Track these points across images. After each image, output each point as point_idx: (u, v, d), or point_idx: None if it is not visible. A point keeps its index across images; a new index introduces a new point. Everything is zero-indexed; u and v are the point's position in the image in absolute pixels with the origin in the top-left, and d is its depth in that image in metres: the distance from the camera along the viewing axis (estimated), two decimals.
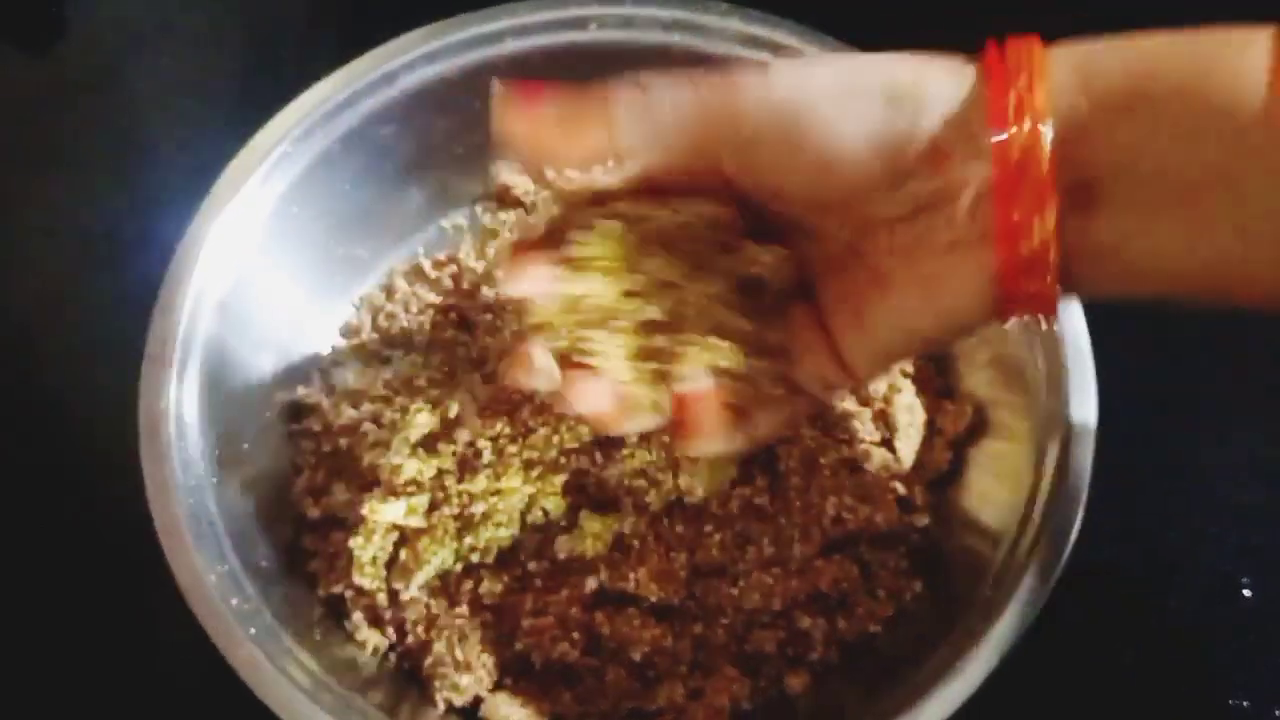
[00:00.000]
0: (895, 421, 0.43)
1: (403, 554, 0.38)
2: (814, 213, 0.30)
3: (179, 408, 0.39)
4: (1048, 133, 0.26)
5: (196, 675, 0.41)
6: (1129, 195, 0.26)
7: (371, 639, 0.40)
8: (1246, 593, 0.44)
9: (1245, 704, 0.42)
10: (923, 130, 0.27)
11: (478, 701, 0.39)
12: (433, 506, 0.38)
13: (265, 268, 0.44)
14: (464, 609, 0.39)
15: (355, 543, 0.38)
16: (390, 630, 0.40)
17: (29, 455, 0.47)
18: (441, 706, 0.39)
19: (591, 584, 0.39)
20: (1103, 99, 0.26)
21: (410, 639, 0.40)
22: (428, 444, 0.39)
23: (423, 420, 0.39)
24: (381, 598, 0.40)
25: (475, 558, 0.39)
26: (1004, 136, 0.26)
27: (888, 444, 0.43)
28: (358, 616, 0.40)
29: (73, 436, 0.48)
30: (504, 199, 0.51)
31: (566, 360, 0.31)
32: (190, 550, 0.36)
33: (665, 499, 0.40)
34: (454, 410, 0.39)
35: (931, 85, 0.28)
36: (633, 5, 0.46)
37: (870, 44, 0.44)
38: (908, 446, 0.43)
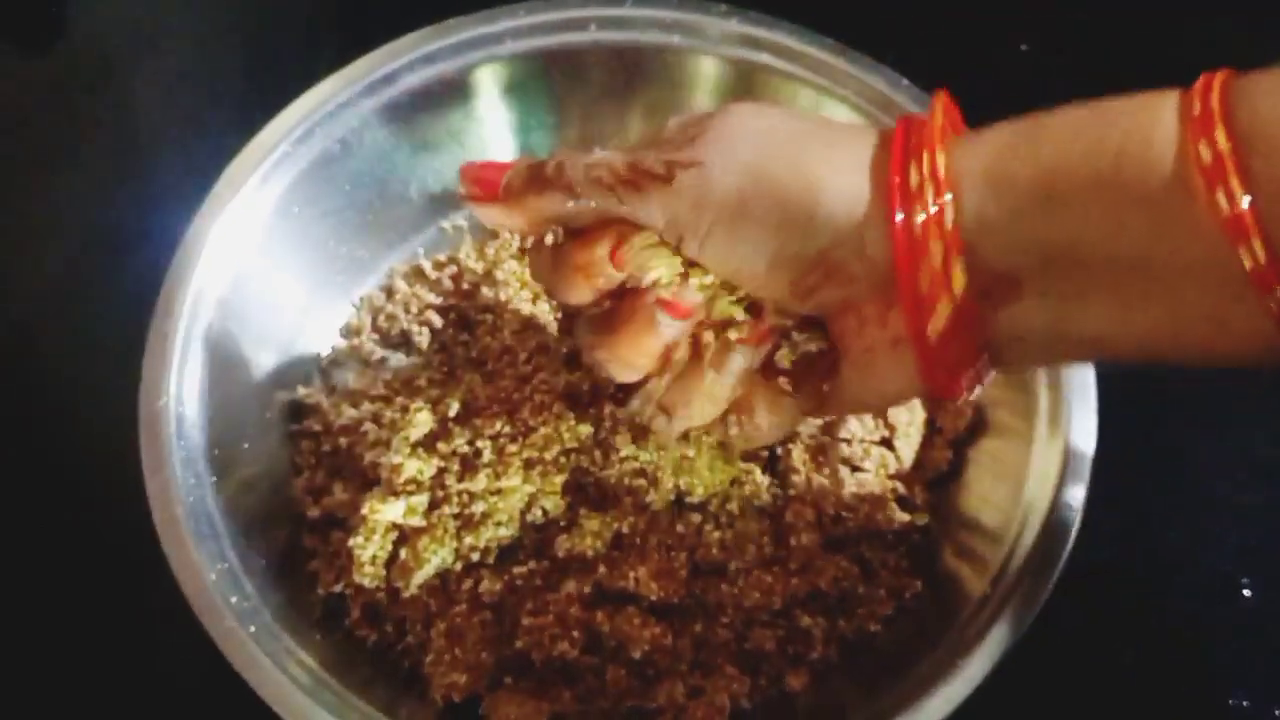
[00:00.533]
0: (895, 421, 0.43)
1: (403, 553, 0.38)
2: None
3: (179, 407, 0.39)
4: (950, 212, 0.26)
5: (196, 674, 0.41)
6: (1054, 285, 0.26)
7: (371, 637, 0.40)
8: (1246, 593, 0.44)
9: (1245, 704, 0.42)
10: (814, 250, 0.28)
11: (477, 700, 0.39)
12: (433, 506, 0.38)
13: (265, 268, 0.44)
14: (463, 608, 0.39)
15: (355, 542, 0.38)
16: (390, 629, 0.40)
17: (29, 455, 0.47)
18: (441, 705, 0.39)
19: (591, 583, 0.39)
20: (1015, 198, 0.26)
21: (410, 637, 0.40)
22: (428, 443, 0.39)
23: (423, 420, 0.39)
24: (381, 596, 0.40)
25: (475, 557, 0.39)
26: (901, 219, 0.27)
27: (887, 443, 0.43)
28: (357, 615, 0.40)
29: (73, 436, 0.48)
30: None
31: None
32: (190, 549, 0.36)
33: (665, 498, 0.40)
34: (454, 410, 0.39)
35: (823, 198, 0.28)
36: (632, 6, 0.46)
37: (869, 44, 0.45)
38: (908, 446, 0.43)
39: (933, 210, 0.26)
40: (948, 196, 0.26)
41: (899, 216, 0.27)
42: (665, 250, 0.31)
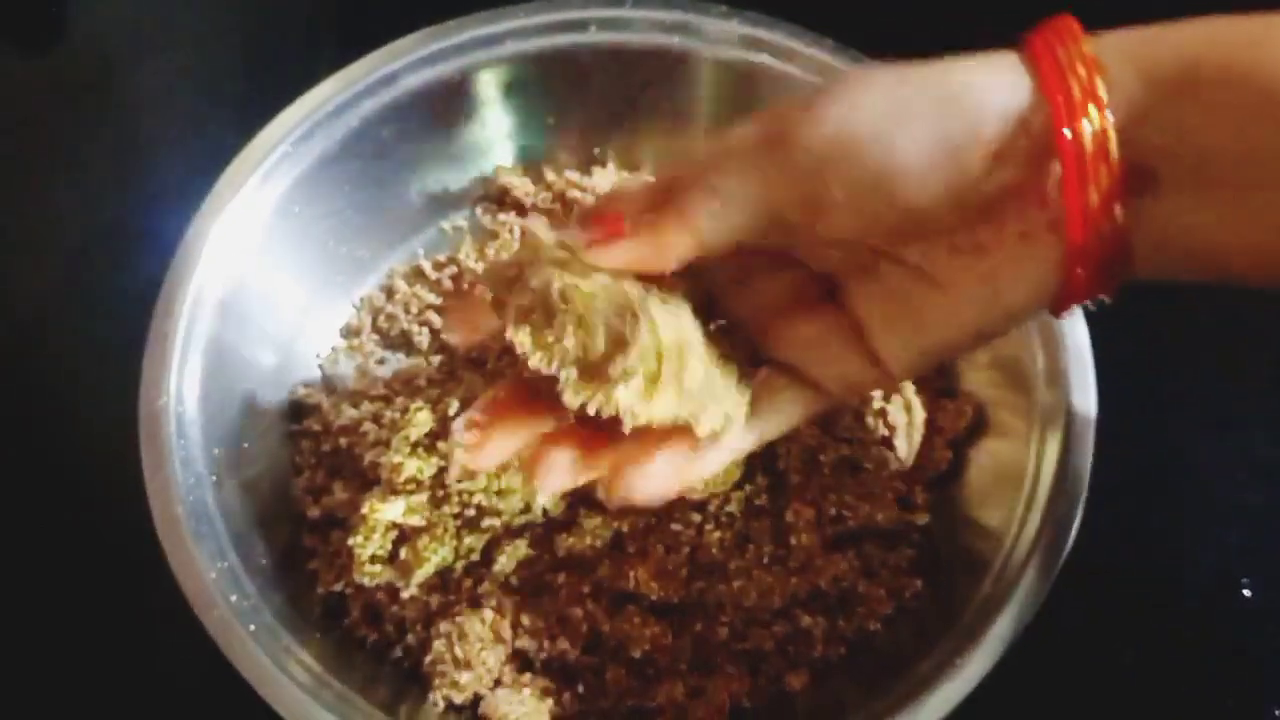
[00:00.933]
0: (895, 421, 0.43)
1: (403, 552, 0.38)
2: (867, 234, 0.30)
3: (179, 407, 0.39)
4: (1112, 121, 0.26)
5: (196, 674, 0.41)
6: (1185, 179, 0.26)
7: (371, 637, 0.40)
8: (1246, 593, 0.44)
9: (1245, 704, 0.42)
10: (980, 135, 0.27)
11: (477, 699, 0.39)
12: (433, 505, 0.38)
13: (266, 267, 0.44)
14: (463, 607, 0.39)
15: (355, 541, 0.38)
16: (390, 628, 0.40)
17: (29, 454, 0.47)
18: (441, 704, 0.39)
19: (591, 582, 0.39)
20: (1155, 84, 0.26)
21: (410, 637, 0.40)
22: (428, 443, 0.39)
23: (423, 419, 0.39)
24: (381, 597, 0.40)
25: (475, 557, 0.39)
26: (1070, 132, 0.26)
27: (887, 443, 0.43)
28: (357, 615, 0.40)
29: (73, 436, 0.48)
30: (504, 200, 0.51)
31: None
32: (190, 549, 0.36)
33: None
34: (454, 409, 0.39)
35: (982, 88, 0.28)
36: (633, 7, 0.46)
37: (869, 44, 0.45)
38: (908, 445, 0.43)
39: (1085, 81, 0.26)
40: (1097, 77, 0.26)
41: (1059, 95, 0.27)
42: None
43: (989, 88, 0.28)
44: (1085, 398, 0.39)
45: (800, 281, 0.32)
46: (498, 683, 0.39)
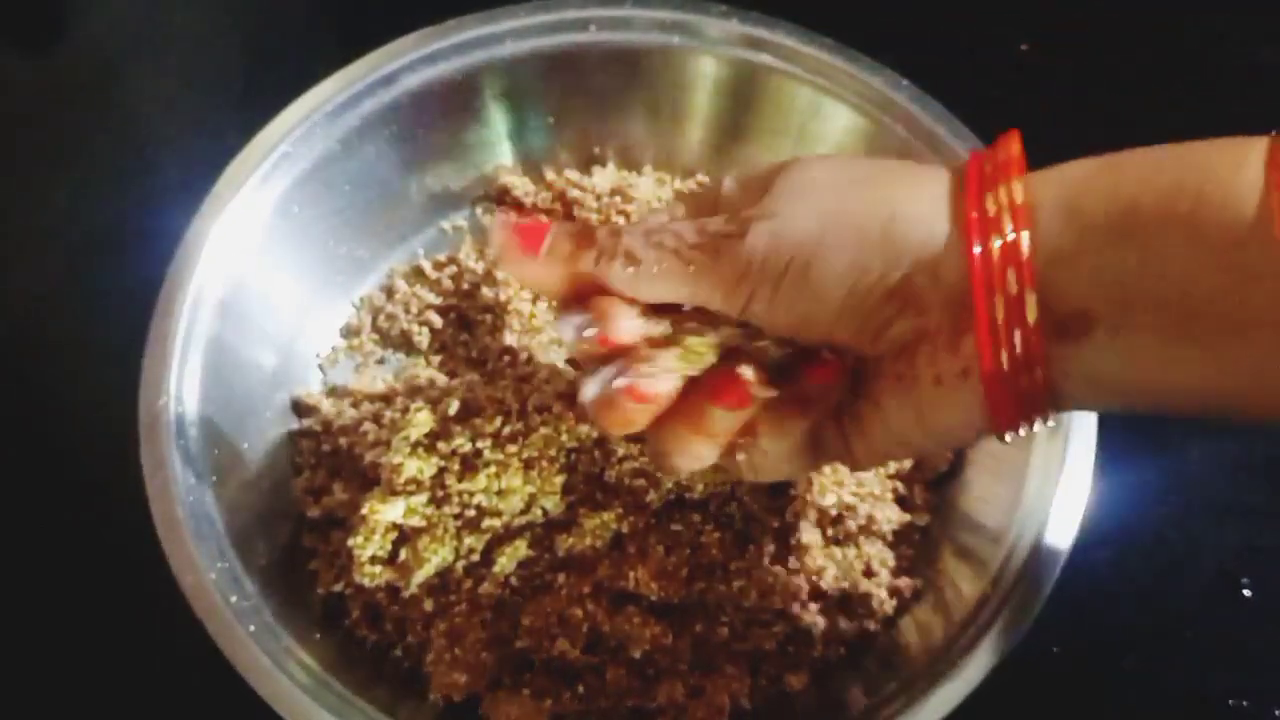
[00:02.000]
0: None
1: (403, 553, 0.38)
2: (799, 337, 0.31)
3: (179, 407, 0.39)
4: (1026, 241, 0.26)
5: (196, 674, 0.40)
6: (1127, 326, 0.26)
7: (371, 637, 0.40)
8: (1246, 593, 0.44)
9: (1245, 704, 0.42)
10: (893, 280, 0.28)
11: (477, 699, 0.39)
12: (433, 505, 0.38)
13: (265, 267, 0.44)
14: (464, 607, 0.39)
15: (355, 542, 0.38)
16: (390, 629, 0.40)
17: (29, 454, 0.47)
18: (441, 704, 0.39)
19: (591, 582, 0.39)
20: (1089, 231, 0.26)
21: (410, 637, 0.40)
22: (428, 443, 0.39)
23: (423, 420, 0.39)
24: (381, 597, 0.40)
25: (475, 557, 0.39)
26: (987, 297, 0.27)
27: None
28: (357, 615, 0.40)
29: (73, 436, 0.48)
30: (504, 199, 0.51)
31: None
32: (190, 549, 0.36)
33: (665, 498, 0.40)
34: (454, 409, 0.39)
35: (906, 224, 0.28)
36: (632, 7, 0.46)
37: (869, 45, 0.45)
38: None
39: (1009, 238, 0.26)
40: (1024, 230, 0.26)
41: (976, 246, 0.27)
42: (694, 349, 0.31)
43: (912, 228, 0.28)
44: None
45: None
46: (498, 683, 0.39)
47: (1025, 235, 0.26)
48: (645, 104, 0.49)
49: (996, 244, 0.26)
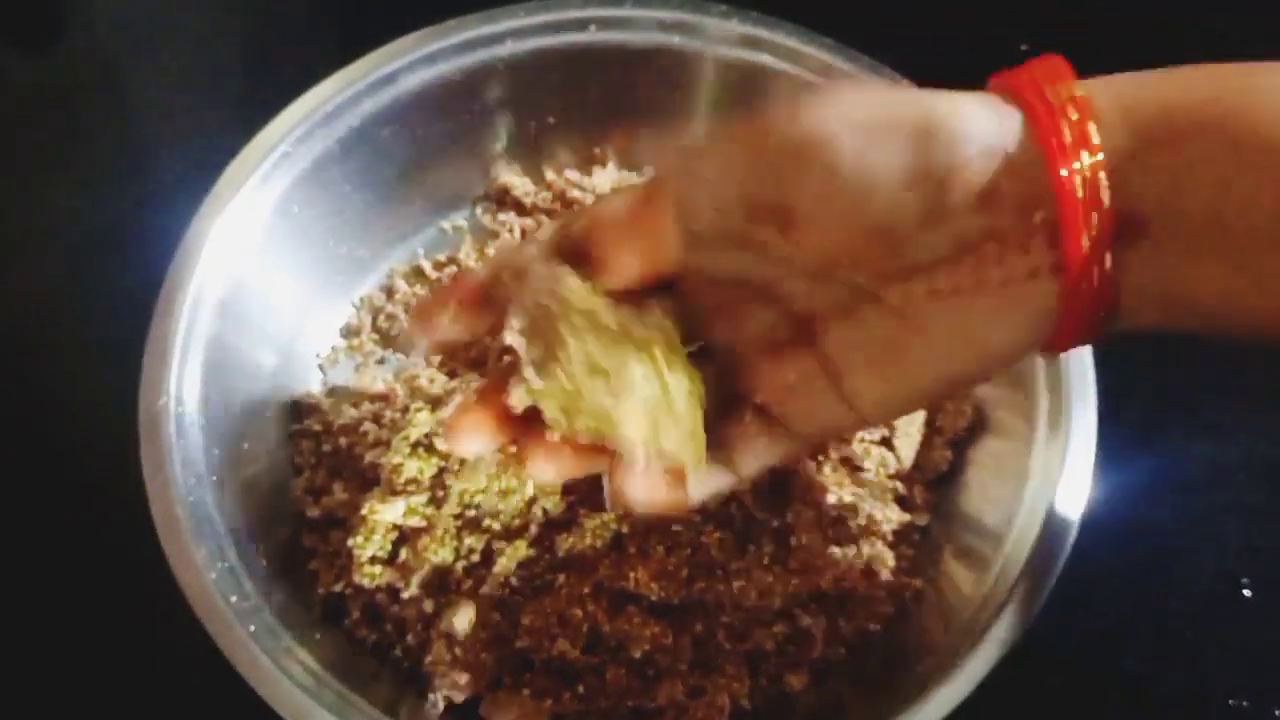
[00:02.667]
0: (895, 421, 0.43)
1: (403, 553, 0.38)
2: (839, 263, 0.29)
3: (179, 407, 0.39)
4: (1104, 166, 0.26)
5: (196, 674, 0.40)
6: (1175, 229, 0.26)
7: (371, 637, 0.40)
8: (1246, 593, 0.44)
9: (1245, 704, 0.42)
10: (963, 167, 0.26)
11: (477, 699, 0.39)
12: (433, 506, 0.38)
13: (265, 267, 0.44)
14: (464, 608, 0.39)
15: (355, 542, 0.38)
16: (390, 628, 0.40)
17: (29, 454, 0.47)
18: (441, 704, 0.39)
19: (591, 583, 0.39)
20: (1143, 133, 0.26)
21: (410, 637, 0.40)
22: (428, 443, 0.39)
23: (423, 419, 0.39)
24: (381, 596, 0.40)
25: (475, 557, 0.39)
26: (1067, 179, 0.26)
27: (887, 443, 0.43)
28: (357, 615, 0.40)
29: (73, 436, 0.48)
30: (504, 199, 0.51)
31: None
32: (190, 549, 0.36)
33: None
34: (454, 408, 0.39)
35: (969, 120, 0.27)
36: (632, 7, 0.46)
37: (869, 44, 0.45)
38: (907, 445, 0.43)
39: (1075, 122, 0.26)
40: (1089, 121, 0.26)
41: (1065, 130, 0.26)
42: None
43: (975, 121, 0.27)
44: (1085, 398, 0.39)
45: (781, 321, 0.31)
46: (498, 682, 0.39)
47: (1092, 127, 0.26)
48: (645, 104, 0.49)
49: (1066, 127, 0.26)
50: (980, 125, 0.27)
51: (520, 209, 0.50)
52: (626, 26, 0.46)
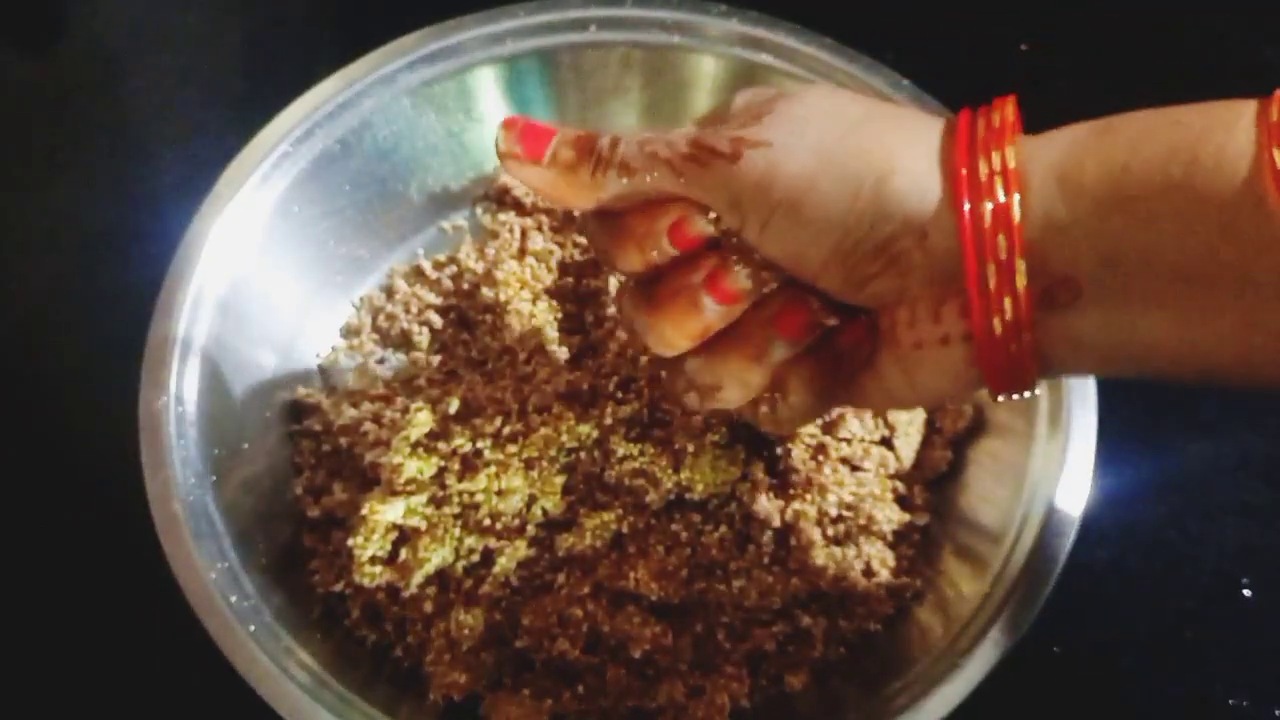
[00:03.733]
0: (895, 421, 0.43)
1: (403, 553, 0.38)
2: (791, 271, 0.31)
3: (179, 407, 0.39)
4: (1017, 207, 0.26)
5: (196, 674, 0.41)
6: (1116, 289, 0.26)
7: (371, 637, 0.40)
8: (1246, 593, 0.44)
9: (1245, 704, 0.42)
10: (880, 237, 0.28)
11: (477, 700, 0.39)
12: (433, 505, 0.38)
13: (265, 267, 0.44)
14: (464, 607, 0.39)
15: (355, 542, 0.38)
16: (390, 628, 0.40)
17: (29, 454, 0.47)
18: (441, 705, 0.39)
19: (591, 582, 0.39)
20: (1084, 199, 0.26)
21: (410, 637, 0.40)
22: (428, 443, 0.39)
23: (423, 420, 0.39)
24: (381, 597, 0.40)
25: (475, 557, 0.39)
26: (978, 265, 0.26)
27: (887, 443, 0.43)
28: (357, 615, 0.40)
29: (73, 436, 0.48)
30: (504, 199, 0.51)
31: None
32: (190, 549, 0.36)
33: (665, 498, 0.40)
34: (454, 408, 0.39)
35: (902, 185, 0.27)
36: (632, 6, 0.46)
37: (868, 44, 0.45)
38: (907, 445, 0.43)
39: (1001, 202, 0.26)
40: (1015, 195, 0.26)
41: (966, 207, 0.26)
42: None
43: (907, 186, 0.27)
44: (1085, 397, 0.39)
45: None
46: (498, 683, 0.39)
47: (1016, 200, 0.26)
48: (645, 104, 0.49)
49: (988, 208, 0.26)
50: (910, 195, 0.27)
51: (520, 209, 0.50)
52: (626, 26, 0.46)
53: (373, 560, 0.38)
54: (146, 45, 0.58)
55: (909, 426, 0.43)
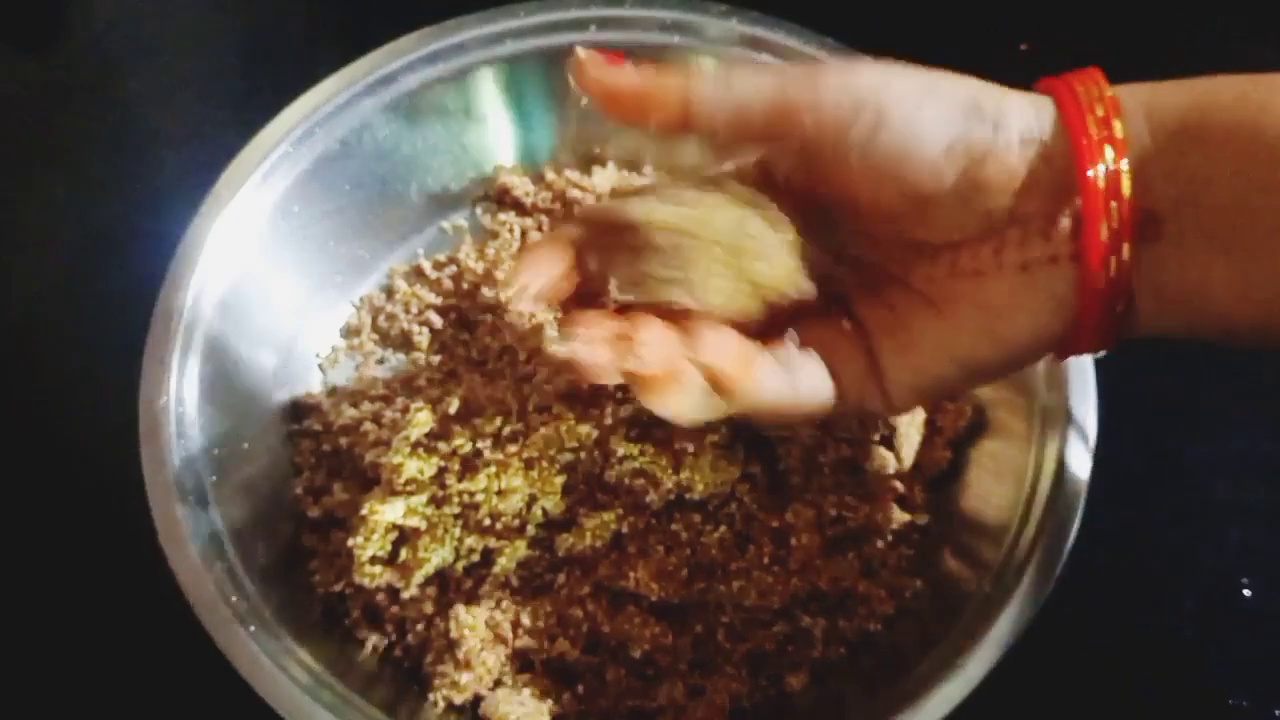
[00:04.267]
0: (895, 421, 0.43)
1: (403, 553, 0.38)
2: (870, 223, 0.30)
3: (179, 407, 0.39)
4: (1126, 164, 0.27)
5: (196, 674, 0.41)
6: (1189, 229, 0.27)
7: (371, 637, 0.40)
8: (1246, 593, 0.44)
9: (1245, 704, 0.42)
10: (1002, 148, 0.28)
11: (478, 700, 0.39)
12: (433, 505, 0.38)
13: (265, 267, 0.44)
14: (464, 608, 0.39)
15: (355, 542, 0.38)
16: (390, 628, 0.40)
17: (29, 454, 0.47)
18: (441, 704, 0.39)
19: (591, 582, 0.39)
20: (1164, 134, 0.27)
21: (410, 637, 0.40)
22: (428, 443, 0.39)
23: (423, 419, 0.39)
24: (381, 596, 0.40)
25: (475, 557, 0.39)
26: (1092, 172, 0.27)
27: (887, 442, 0.43)
28: (357, 615, 0.40)
29: (73, 436, 0.48)
30: (504, 199, 0.51)
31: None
32: (190, 549, 0.36)
33: (665, 498, 0.40)
34: (454, 408, 0.39)
35: (1013, 108, 0.28)
36: (632, 7, 0.46)
37: (869, 44, 0.45)
38: (908, 445, 0.43)
39: (1100, 116, 0.27)
40: (1115, 120, 0.27)
41: (1085, 137, 0.27)
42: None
43: (1018, 110, 0.28)
44: (1085, 397, 0.39)
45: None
46: (498, 683, 0.39)
47: (1117, 124, 0.27)
48: None
49: (1095, 131, 0.27)
50: (1022, 114, 0.28)
51: (520, 209, 0.50)
52: (626, 26, 0.46)
53: (373, 560, 0.38)
54: (146, 45, 0.59)
55: (909, 426, 0.43)
